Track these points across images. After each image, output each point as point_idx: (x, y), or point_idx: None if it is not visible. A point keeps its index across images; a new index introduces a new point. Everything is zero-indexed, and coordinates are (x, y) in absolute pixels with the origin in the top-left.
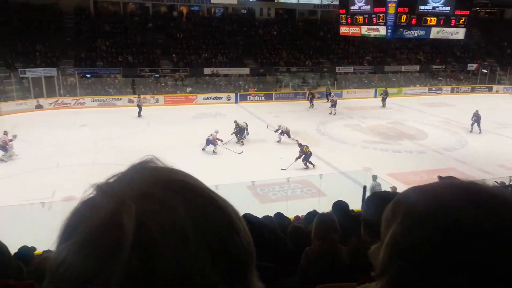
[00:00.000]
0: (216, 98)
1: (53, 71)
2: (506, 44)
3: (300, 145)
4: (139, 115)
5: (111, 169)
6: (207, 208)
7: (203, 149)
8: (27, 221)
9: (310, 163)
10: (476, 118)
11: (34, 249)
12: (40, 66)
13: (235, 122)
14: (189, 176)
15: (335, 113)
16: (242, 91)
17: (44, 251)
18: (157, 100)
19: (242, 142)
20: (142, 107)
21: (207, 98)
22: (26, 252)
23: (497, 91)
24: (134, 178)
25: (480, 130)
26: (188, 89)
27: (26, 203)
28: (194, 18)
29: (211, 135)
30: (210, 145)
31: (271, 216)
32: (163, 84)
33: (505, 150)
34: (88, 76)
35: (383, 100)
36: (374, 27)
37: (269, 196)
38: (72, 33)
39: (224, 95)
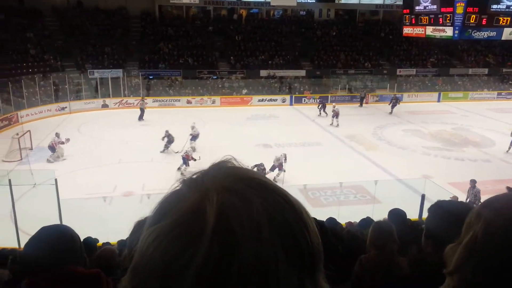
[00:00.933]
0: (271, 100)
1: (119, 73)
2: None
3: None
4: (140, 119)
5: (167, 167)
6: (281, 204)
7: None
8: (89, 214)
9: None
10: None
11: (97, 240)
12: (108, 68)
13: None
14: (265, 176)
15: (337, 124)
16: (297, 93)
17: (103, 243)
18: (213, 102)
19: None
20: (146, 110)
21: (262, 100)
22: (90, 243)
23: None
24: (216, 174)
25: None
26: (244, 91)
27: (89, 196)
28: (253, 20)
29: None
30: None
31: (323, 221)
32: (220, 86)
33: None
34: (151, 77)
35: (392, 106)
36: (440, 27)
37: (320, 200)
38: (137, 36)
39: (279, 97)
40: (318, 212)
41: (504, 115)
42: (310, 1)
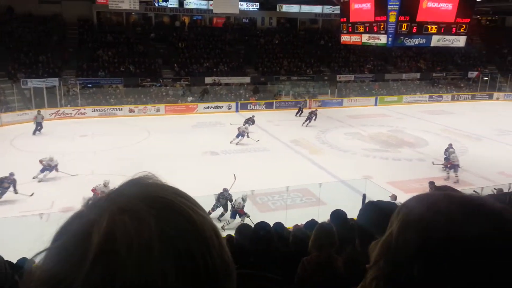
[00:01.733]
0: (216, 107)
1: (55, 82)
2: (507, 51)
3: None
4: (35, 132)
5: (110, 180)
6: (182, 225)
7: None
8: (25, 233)
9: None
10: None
11: (33, 261)
12: (42, 77)
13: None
14: (178, 194)
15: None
16: (242, 100)
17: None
18: (158, 110)
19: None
20: (43, 124)
21: (208, 107)
22: (23, 264)
23: (497, 98)
24: (121, 193)
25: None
26: (189, 99)
27: (24, 214)
28: (196, 27)
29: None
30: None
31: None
32: (164, 94)
33: (505, 157)
34: (90, 86)
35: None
36: (375, 35)
37: (268, 205)
38: (74, 44)
39: (224, 104)
40: (267, 216)
41: (435, 117)
42: (253, 9)
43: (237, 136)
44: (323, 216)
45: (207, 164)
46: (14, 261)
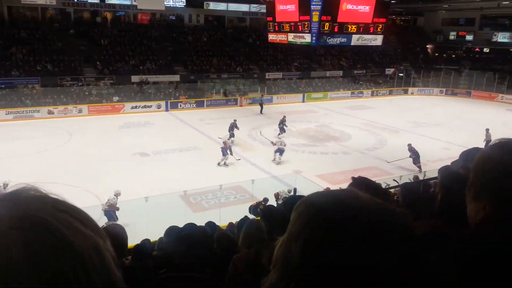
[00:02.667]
0: (145, 106)
1: None
2: (419, 49)
3: None
4: None
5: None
6: (49, 243)
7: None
8: None
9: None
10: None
11: None
12: None
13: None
14: (54, 209)
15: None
16: (172, 98)
17: None
18: (80, 111)
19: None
20: None
21: (136, 107)
22: None
23: (412, 93)
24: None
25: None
26: (115, 98)
27: None
28: (120, 24)
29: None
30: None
31: (201, 226)
32: (86, 94)
33: (419, 147)
34: (2, 86)
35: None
36: (300, 34)
37: (202, 204)
38: None
39: (153, 103)
40: (201, 216)
41: (357, 112)
42: (179, 6)
43: (223, 154)
44: None
45: (137, 166)
46: None
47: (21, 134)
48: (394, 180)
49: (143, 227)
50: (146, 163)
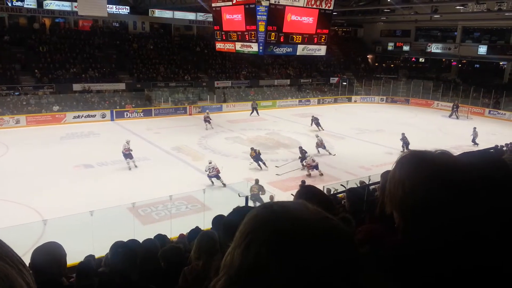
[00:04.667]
0: (88, 116)
1: None
2: (360, 59)
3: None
4: None
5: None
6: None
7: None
8: None
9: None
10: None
11: None
12: None
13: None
14: None
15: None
16: (118, 107)
17: None
18: (17, 121)
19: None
20: None
21: (78, 117)
22: None
23: (355, 101)
24: None
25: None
26: (55, 108)
27: None
28: (59, 30)
29: (124, 147)
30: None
31: (150, 239)
32: (24, 103)
33: (364, 153)
34: None
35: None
36: (247, 43)
37: (152, 216)
38: None
39: (98, 113)
40: (151, 228)
41: (304, 119)
42: (123, 12)
43: (212, 177)
44: (209, 222)
45: (81, 179)
46: None
47: None
48: (341, 185)
49: (88, 242)
50: (90, 175)
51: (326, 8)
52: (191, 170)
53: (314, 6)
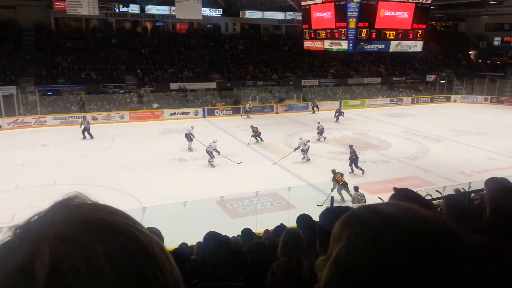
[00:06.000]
0: (183, 113)
1: (12, 89)
2: (461, 55)
3: (334, 172)
4: (88, 137)
5: (73, 190)
6: (129, 247)
7: (209, 162)
8: None
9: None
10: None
11: None
12: None
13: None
14: (114, 213)
15: (324, 138)
16: (209, 105)
17: None
18: (122, 117)
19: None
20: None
21: (174, 114)
22: None
23: (454, 101)
24: (54, 219)
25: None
26: (155, 105)
27: None
28: (159, 33)
29: (209, 145)
30: (210, 156)
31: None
32: (128, 101)
33: (464, 157)
34: (49, 93)
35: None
36: (336, 41)
37: (238, 210)
38: (32, 50)
39: (191, 110)
40: (237, 222)
41: (396, 119)
42: (216, 15)
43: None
44: (293, 220)
45: (175, 171)
46: None
47: (66, 139)
48: (437, 191)
49: (181, 231)
50: (184, 168)
51: (424, 1)
52: (276, 168)
53: (410, 0)
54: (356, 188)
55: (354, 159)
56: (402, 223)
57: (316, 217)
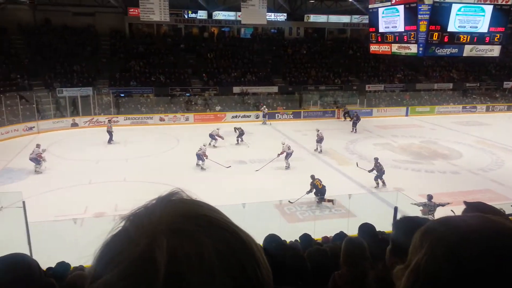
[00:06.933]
0: (244, 116)
1: (88, 91)
2: None
3: (313, 178)
4: (110, 141)
5: (140, 187)
6: (232, 242)
7: (198, 165)
8: (60, 237)
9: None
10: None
11: (69, 265)
12: (77, 86)
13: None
14: (213, 210)
15: (320, 150)
16: (270, 109)
17: (75, 267)
18: (187, 119)
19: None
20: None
21: (236, 116)
22: (62, 268)
23: None
24: (163, 212)
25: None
26: (218, 108)
27: (59, 219)
28: (225, 38)
29: (200, 149)
30: (200, 160)
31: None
32: (193, 103)
33: None
34: (122, 95)
35: (354, 124)
36: (405, 45)
37: (296, 215)
38: (107, 54)
39: (252, 114)
40: (294, 227)
41: (469, 128)
42: (280, 19)
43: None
44: (353, 228)
45: (234, 173)
46: (48, 265)
47: (135, 138)
48: None
49: None
50: (243, 170)
51: (503, 2)
52: (335, 174)
53: (488, 2)
54: (430, 197)
55: (379, 173)
56: (484, 234)
57: (378, 227)
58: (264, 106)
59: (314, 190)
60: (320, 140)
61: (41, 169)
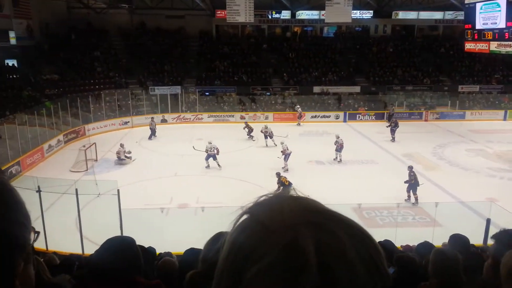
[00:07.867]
0: (324, 116)
1: (177, 89)
2: None
3: (278, 175)
4: (150, 138)
5: (220, 181)
6: (364, 239)
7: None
8: (147, 224)
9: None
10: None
11: (155, 250)
12: (167, 85)
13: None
14: (326, 207)
15: (340, 159)
16: (351, 110)
17: (161, 253)
18: (266, 117)
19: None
20: (156, 130)
21: (315, 116)
22: (151, 253)
23: None
24: (292, 206)
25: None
26: (297, 107)
27: (148, 207)
28: (307, 37)
29: (210, 149)
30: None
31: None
32: (273, 102)
33: None
34: (207, 94)
35: (392, 131)
36: (506, 42)
37: (376, 220)
38: (195, 55)
39: (332, 114)
40: (374, 233)
41: None
42: (366, 17)
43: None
44: (438, 239)
45: (313, 174)
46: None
47: (218, 134)
48: None
49: None
50: (321, 171)
51: None
52: (421, 180)
53: None
54: None
55: (413, 184)
56: None
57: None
58: (298, 106)
59: (282, 188)
60: (340, 148)
61: (124, 163)
